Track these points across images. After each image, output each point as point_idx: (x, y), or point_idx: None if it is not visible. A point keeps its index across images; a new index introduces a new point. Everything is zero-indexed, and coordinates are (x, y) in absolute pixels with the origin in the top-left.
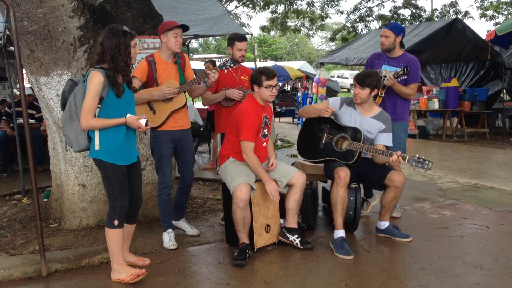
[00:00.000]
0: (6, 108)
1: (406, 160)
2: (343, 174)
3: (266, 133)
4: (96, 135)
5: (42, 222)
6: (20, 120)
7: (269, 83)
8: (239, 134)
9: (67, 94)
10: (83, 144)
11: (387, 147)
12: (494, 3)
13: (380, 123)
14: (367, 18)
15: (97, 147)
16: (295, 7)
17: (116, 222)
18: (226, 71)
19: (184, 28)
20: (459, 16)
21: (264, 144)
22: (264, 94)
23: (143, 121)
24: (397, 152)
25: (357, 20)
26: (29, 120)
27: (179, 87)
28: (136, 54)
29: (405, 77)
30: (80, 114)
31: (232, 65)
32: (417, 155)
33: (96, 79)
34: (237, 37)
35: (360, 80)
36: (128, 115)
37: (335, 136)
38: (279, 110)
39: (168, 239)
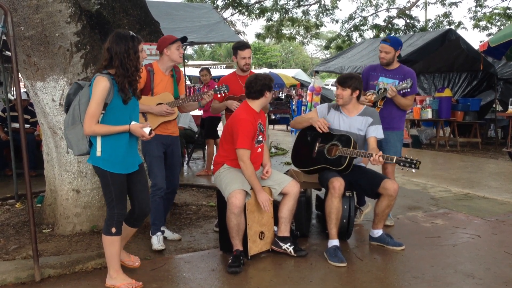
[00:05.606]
0: (0, 113)
1: (394, 161)
2: (337, 184)
3: (261, 139)
4: (98, 142)
5: (35, 227)
6: (15, 125)
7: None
8: (235, 142)
9: (72, 97)
10: (83, 149)
11: (378, 140)
12: (487, 14)
13: (367, 117)
14: (362, 27)
15: (98, 153)
16: (290, 15)
17: (113, 230)
18: (219, 95)
19: (184, 40)
20: (453, 27)
21: (259, 150)
22: (269, 97)
23: (147, 130)
24: (378, 153)
25: (352, 29)
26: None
27: (173, 101)
28: (143, 59)
29: (408, 90)
30: (84, 119)
31: (226, 91)
32: (405, 156)
33: (102, 85)
34: (239, 46)
35: (341, 82)
36: (133, 122)
37: (327, 144)
38: (273, 117)
39: (157, 241)
